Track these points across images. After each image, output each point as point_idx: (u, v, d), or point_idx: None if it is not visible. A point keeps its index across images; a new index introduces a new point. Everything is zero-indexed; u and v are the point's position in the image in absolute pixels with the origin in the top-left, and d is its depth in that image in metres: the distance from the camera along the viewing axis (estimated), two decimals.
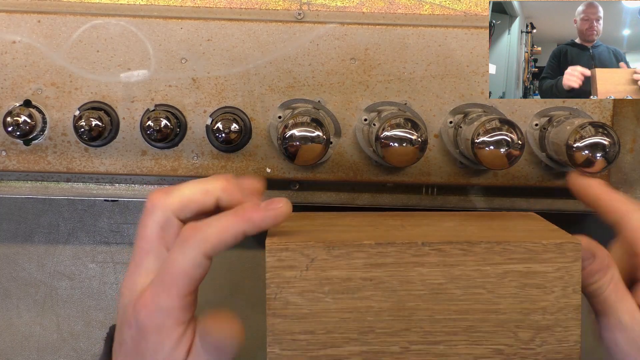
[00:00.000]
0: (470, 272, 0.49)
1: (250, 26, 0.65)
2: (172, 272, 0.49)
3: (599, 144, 0.59)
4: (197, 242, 0.49)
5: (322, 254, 0.49)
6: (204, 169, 0.66)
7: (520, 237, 0.50)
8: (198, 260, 0.49)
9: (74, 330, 0.79)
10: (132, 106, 0.66)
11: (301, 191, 0.68)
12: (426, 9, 0.67)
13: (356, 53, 0.65)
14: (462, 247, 0.49)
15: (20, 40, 0.65)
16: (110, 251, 0.79)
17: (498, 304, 0.50)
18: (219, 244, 0.49)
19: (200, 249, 0.49)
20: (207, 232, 0.49)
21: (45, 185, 0.68)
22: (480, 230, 0.53)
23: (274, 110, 0.66)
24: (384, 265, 0.49)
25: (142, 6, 0.66)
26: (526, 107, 0.66)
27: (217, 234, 0.49)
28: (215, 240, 0.49)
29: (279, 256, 0.49)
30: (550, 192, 0.69)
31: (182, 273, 0.49)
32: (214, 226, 0.50)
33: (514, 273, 0.50)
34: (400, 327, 0.50)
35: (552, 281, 0.50)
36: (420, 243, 0.49)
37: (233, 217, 0.50)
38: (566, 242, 0.50)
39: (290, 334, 0.49)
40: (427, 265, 0.49)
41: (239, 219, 0.49)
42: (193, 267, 0.49)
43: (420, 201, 0.68)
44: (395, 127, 0.60)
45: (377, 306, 0.50)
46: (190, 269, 0.49)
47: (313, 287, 0.49)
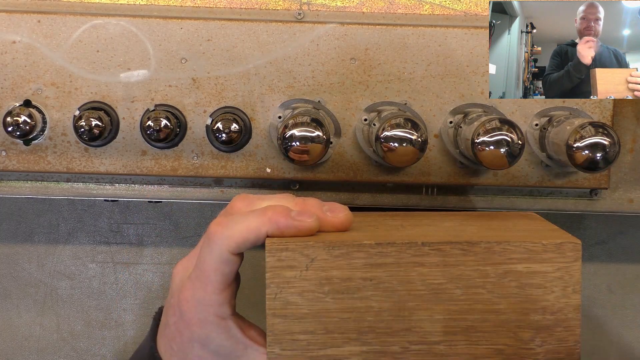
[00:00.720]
0: (470, 272, 0.49)
1: (250, 26, 0.65)
2: (204, 268, 0.51)
3: (599, 144, 0.59)
4: (222, 239, 0.50)
5: (322, 254, 0.49)
6: (204, 169, 0.66)
7: (520, 237, 0.50)
8: (225, 257, 0.51)
9: (74, 330, 0.79)
10: (132, 106, 0.66)
11: (301, 191, 0.68)
12: (426, 9, 0.67)
13: (356, 53, 0.65)
14: (462, 247, 0.49)
15: (20, 40, 0.65)
16: (110, 251, 0.79)
17: (498, 304, 0.50)
18: (243, 243, 0.50)
19: (225, 246, 0.50)
20: (231, 230, 0.50)
21: (45, 185, 0.68)
22: (480, 230, 0.53)
23: (274, 110, 0.66)
24: (384, 265, 0.49)
25: (142, 6, 0.66)
26: (526, 107, 0.66)
27: (240, 233, 0.50)
28: (239, 239, 0.50)
29: (279, 256, 0.49)
30: (550, 192, 0.69)
31: (212, 270, 0.51)
32: (239, 224, 0.51)
33: (514, 273, 0.50)
34: (400, 327, 0.50)
35: (552, 281, 0.50)
36: (420, 243, 0.49)
37: (259, 218, 0.50)
38: (566, 242, 0.50)
39: (290, 334, 0.49)
40: (427, 265, 0.49)
41: (264, 220, 0.50)
42: (221, 263, 0.51)
43: (420, 201, 0.68)
44: (395, 127, 0.60)
45: (377, 306, 0.50)
46: (218, 265, 0.51)
47: (313, 287, 0.49)
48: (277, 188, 0.68)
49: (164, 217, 0.78)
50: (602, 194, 0.69)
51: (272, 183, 0.68)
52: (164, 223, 0.78)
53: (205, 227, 0.52)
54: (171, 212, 0.78)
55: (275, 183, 0.68)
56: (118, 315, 0.79)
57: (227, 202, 0.69)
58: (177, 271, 0.55)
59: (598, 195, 0.69)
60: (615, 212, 0.70)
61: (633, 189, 0.69)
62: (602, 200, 0.69)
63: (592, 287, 0.79)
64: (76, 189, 0.68)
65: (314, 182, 0.68)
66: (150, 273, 0.79)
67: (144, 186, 0.68)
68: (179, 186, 0.68)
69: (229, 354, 0.53)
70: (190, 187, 0.68)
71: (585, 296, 0.79)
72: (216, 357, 0.53)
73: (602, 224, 0.79)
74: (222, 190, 0.68)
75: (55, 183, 0.68)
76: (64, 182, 0.68)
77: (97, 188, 0.68)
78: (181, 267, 0.55)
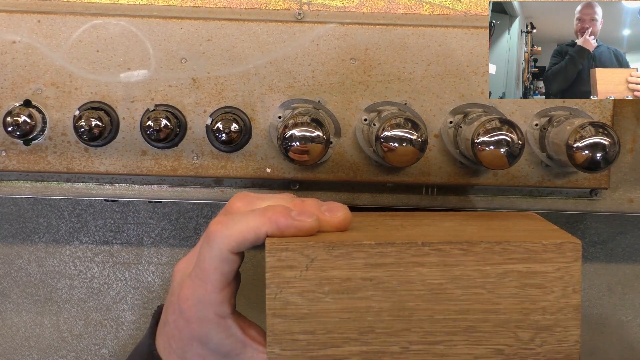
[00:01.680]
0: (470, 272, 0.49)
1: (250, 26, 0.65)
2: (204, 267, 0.51)
3: (599, 144, 0.59)
4: (222, 238, 0.50)
5: (322, 254, 0.49)
6: (204, 169, 0.66)
7: (520, 237, 0.50)
8: (224, 256, 0.51)
9: (74, 330, 0.79)
10: (132, 106, 0.66)
11: (301, 191, 0.68)
12: (426, 9, 0.67)
13: (356, 53, 0.65)
14: (462, 247, 0.49)
15: (20, 40, 0.65)
16: (110, 251, 0.79)
17: (498, 304, 0.50)
18: (243, 242, 0.50)
19: (224, 245, 0.50)
20: (231, 229, 0.50)
21: (45, 185, 0.68)
22: (480, 230, 0.53)
23: (274, 110, 0.66)
24: (384, 265, 0.49)
25: (142, 6, 0.66)
26: (526, 107, 0.66)
27: (240, 232, 0.50)
28: (238, 238, 0.50)
29: (278, 256, 0.49)
30: (550, 192, 0.69)
31: (212, 268, 0.51)
32: (239, 223, 0.50)
33: (514, 273, 0.49)
34: (400, 327, 0.50)
35: (552, 281, 0.50)
36: (420, 243, 0.49)
37: (259, 218, 0.50)
38: (566, 242, 0.50)
39: (290, 334, 0.49)
40: (427, 265, 0.49)
41: (264, 220, 0.50)
42: (220, 262, 0.51)
43: (420, 201, 0.68)
44: (395, 127, 0.60)
45: (377, 306, 0.50)
46: (218, 264, 0.51)
47: (313, 287, 0.49)
48: (277, 188, 0.68)
49: (164, 217, 0.78)
50: (602, 194, 0.69)
51: (272, 183, 0.68)
52: (164, 223, 0.78)
53: (205, 227, 0.53)
54: (171, 212, 0.78)
55: (275, 183, 0.68)
56: (118, 315, 0.79)
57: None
58: (178, 269, 0.55)
59: (598, 195, 0.69)
60: (615, 212, 0.70)
61: (633, 189, 0.69)
62: (602, 200, 0.69)
63: (592, 287, 0.79)
64: (76, 189, 0.68)
65: (314, 182, 0.68)
66: (150, 273, 0.79)
67: (144, 186, 0.68)
68: (179, 186, 0.68)
69: (229, 353, 0.53)
70: (190, 187, 0.68)
71: (585, 296, 0.79)
72: (215, 355, 0.53)
73: (602, 224, 0.79)
74: (222, 190, 0.68)
75: (55, 183, 0.68)
76: (64, 182, 0.68)
77: (97, 188, 0.68)
78: (182, 266, 0.55)
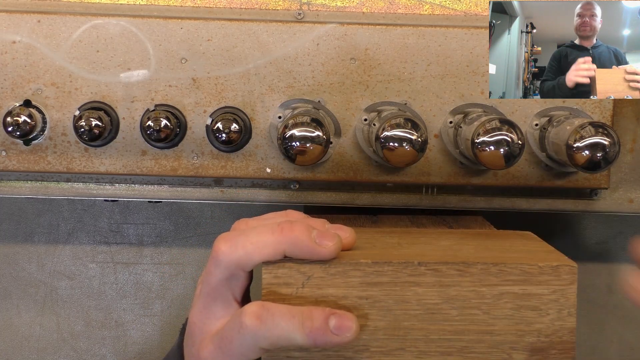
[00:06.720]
0: (466, 293, 0.49)
1: (250, 26, 0.65)
2: (224, 336, 0.48)
3: (599, 144, 0.59)
4: (230, 263, 0.48)
5: (318, 271, 0.49)
6: (204, 169, 0.66)
7: (517, 259, 0.50)
8: (254, 348, 0.47)
9: (74, 330, 0.79)
10: (132, 106, 0.66)
11: (301, 191, 0.68)
12: (426, 9, 0.67)
13: (356, 53, 0.65)
14: (458, 268, 0.49)
15: (20, 40, 0.65)
16: (110, 251, 0.79)
17: (493, 325, 0.49)
18: (254, 263, 0.48)
19: (233, 268, 0.48)
20: (245, 250, 0.48)
21: (45, 185, 0.68)
22: (476, 250, 0.52)
23: (274, 110, 0.66)
24: (380, 284, 0.49)
25: (142, 6, 0.66)
26: (526, 107, 0.66)
27: (252, 254, 0.48)
28: (250, 261, 0.48)
29: (275, 273, 0.49)
30: (550, 192, 0.69)
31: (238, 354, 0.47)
32: (250, 243, 0.48)
33: (509, 294, 0.49)
34: (395, 347, 0.50)
35: (547, 303, 0.49)
36: (416, 263, 0.49)
37: (276, 236, 0.48)
38: (562, 264, 0.49)
39: (285, 352, 0.49)
40: (423, 285, 0.49)
41: (281, 238, 0.48)
42: (248, 351, 0.48)
43: (420, 201, 0.68)
44: (395, 127, 0.60)
45: (373, 325, 0.49)
46: (245, 351, 0.48)
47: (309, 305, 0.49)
48: (277, 188, 0.68)
49: (164, 217, 0.78)
50: (602, 194, 0.69)
51: (272, 183, 0.68)
52: (164, 223, 0.78)
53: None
54: (171, 212, 0.78)
55: (275, 183, 0.68)
56: (118, 315, 0.79)
57: (227, 202, 0.69)
58: (194, 325, 0.51)
59: (598, 195, 0.69)
60: (615, 212, 0.70)
61: (633, 189, 0.69)
62: (602, 200, 0.69)
63: (592, 287, 0.79)
64: (76, 189, 0.68)
65: (314, 182, 0.68)
66: (150, 273, 0.79)
67: (144, 186, 0.68)
68: (179, 186, 0.68)
69: None
70: (190, 187, 0.68)
71: (585, 296, 0.79)
72: None
73: (602, 224, 0.79)
74: (222, 190, 0.68)
75: (55, 183, 0.68)
76: (64, 182, 0.68)
77: (97, 188, 0.68)
78: (198, 320, 0.51)
